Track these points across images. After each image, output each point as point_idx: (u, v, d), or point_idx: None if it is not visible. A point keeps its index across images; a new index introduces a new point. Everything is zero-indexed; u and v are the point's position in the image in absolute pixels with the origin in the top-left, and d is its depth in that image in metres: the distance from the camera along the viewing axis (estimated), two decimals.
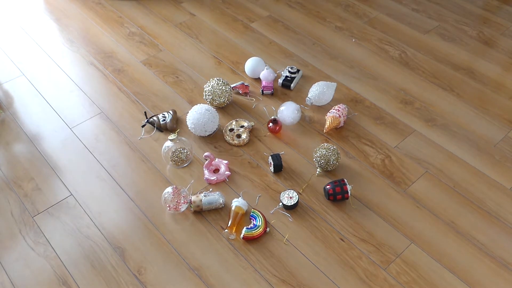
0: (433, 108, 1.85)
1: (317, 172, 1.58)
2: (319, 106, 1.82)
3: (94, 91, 1.91)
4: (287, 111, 1.71)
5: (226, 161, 1.60)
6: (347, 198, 1.48)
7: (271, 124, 1.71)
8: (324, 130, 1.71)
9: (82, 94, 1.90)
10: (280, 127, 1.72)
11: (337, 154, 1.56)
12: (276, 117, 1.71)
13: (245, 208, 1.45)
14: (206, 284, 1.31)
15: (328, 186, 1.48)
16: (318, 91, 1.78)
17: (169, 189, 1.45)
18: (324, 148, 1.56)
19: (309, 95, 1.80)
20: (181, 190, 1.46)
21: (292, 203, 1.46)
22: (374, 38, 2.21)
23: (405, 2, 2.45)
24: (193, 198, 1.46)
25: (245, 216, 1.46)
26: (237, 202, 1.45)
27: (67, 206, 1.50)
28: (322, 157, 1.55)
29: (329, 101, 1.81)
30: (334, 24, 2.29)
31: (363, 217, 1.47)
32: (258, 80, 1.95)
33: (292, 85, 1.89)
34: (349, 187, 1.46)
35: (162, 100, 1.86)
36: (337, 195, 1.47)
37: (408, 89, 1.93)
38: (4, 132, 1.74)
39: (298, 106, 1.73)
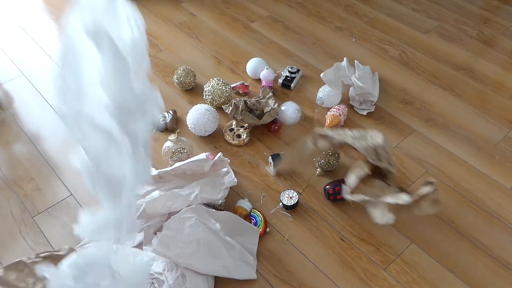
0: (433, 108, 1.85)
1: (317, 172, 1.58)
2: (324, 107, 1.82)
3: None
4: (288, 112, 1.71)
5: None
6: None
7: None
8: (324, 128, 1.70)
9: None
10: (280, 127, 1.72)
11: (337, 154, 1.56)
12: (276, 116, 1.71)
13: (248, 208, 1.45)
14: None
15: (328, 186, 1.48)
16: (328, 90, 1.76)
17: None
18: None
19: (319, 95, 1.79)
20: None
21: (292, 203, 1.46)
22: (374, 38, 2.21)
23: (405, 2, 2.44)
24: None
25: (246, 217, 1.45)
26: (240, 203, 1.45)
27: (67, 206, 1.50)
28: (322, 157, 1.55)
29: (338, 101, 1.80)
30: (334, 24, 2.29)
31: (363, 217, 1.46)
32: (259, 80, 1.94)
33: (292, 85, 1.89)
34: None
35: (162, 100, 1.86)
36: (337, 195, 1.47)
37: (408, 89, 1.93)
38: (4, 132, 1.74)
39: (298, 106, 1.73)
